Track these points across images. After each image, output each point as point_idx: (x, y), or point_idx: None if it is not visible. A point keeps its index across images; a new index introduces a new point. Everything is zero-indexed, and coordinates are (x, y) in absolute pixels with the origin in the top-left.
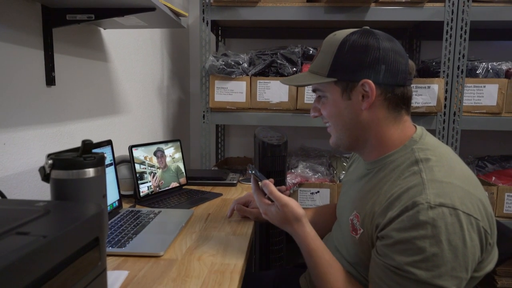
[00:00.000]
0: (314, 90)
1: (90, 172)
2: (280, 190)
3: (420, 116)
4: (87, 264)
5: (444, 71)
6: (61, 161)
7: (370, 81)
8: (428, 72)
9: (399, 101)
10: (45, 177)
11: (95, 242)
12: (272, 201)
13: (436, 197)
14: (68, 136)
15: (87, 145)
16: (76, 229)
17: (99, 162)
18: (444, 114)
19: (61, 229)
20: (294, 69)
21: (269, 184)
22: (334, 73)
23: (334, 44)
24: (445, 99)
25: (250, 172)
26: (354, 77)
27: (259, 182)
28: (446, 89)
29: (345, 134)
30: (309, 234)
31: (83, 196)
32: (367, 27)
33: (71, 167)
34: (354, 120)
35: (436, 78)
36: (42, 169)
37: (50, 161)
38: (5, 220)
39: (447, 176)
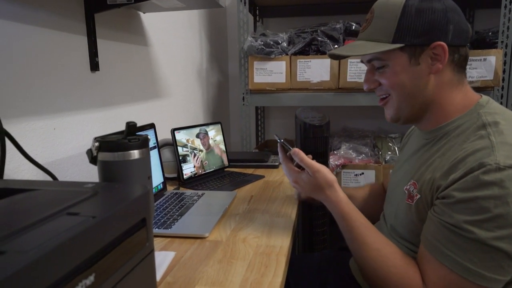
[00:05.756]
0: (369, 60)
1: (135, 153)
2: None
3: (475, 91)
4: (135, 244)
5: (502, 41)
6: (106, 143)
7: (443, 43)
8: (483, 43)
9: (463, 62)
10: (93, 159)
11: (142, 222)
12: (301, 169)
13: (507, 158)
14: (113, 120)
15: (131, 127)
16: (124, 209)
17: (143, 143)
18: (502, 88)
19: (109, 210)
20: (336, 46)
21: (299, 152)
22: (400, 38)
23: (394, 8)
24: (504, 72)
25: (278, 140)
26: (424, 40)
27: (288, 152)
28: (505, 61)
29: (409, 103)
30: (342, 198)
31: (129, 177)
32: None
33: (117, 149)
34: (421, 86)
35: (493, 49)
36: (89, 152)
37: (96, 144)
38: (57, 201)
39: None
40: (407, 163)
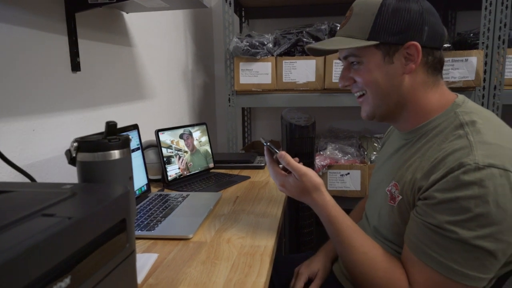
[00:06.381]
0: (345, 57)
1: (116, 154)
2: None
3: (457, 92)
4: (114, 246)
5: (483, 42)
6: (86, 143)
7: (416, 43)
8: (465, 44)
9: (437, 64)
10: (71, 160)
11: (122, 223)
12: (288, 172)
13: (485, 158)
14: (95, 122)
15: (111, 127)
16: (102, 210)
17: (124, 144)
18: (484, 88)
19: (86, 211)
20: None
21: (285, 155)
22: (376, 36)
23: (372, 5)
24: (485, 72)
25: (264, 144)
26: (398, 39)
27: (275, 155)
28: (486, 61)
29: (383, 101)
30: (328, 202)
31: (109, 178)
32: None
33: (96, 149)
34: (394, 85)
35: (475, 50)
36: (68, 152)
37: (75, 144)
38: (32, 202)
39: (495, 138)
40: (387, 163)
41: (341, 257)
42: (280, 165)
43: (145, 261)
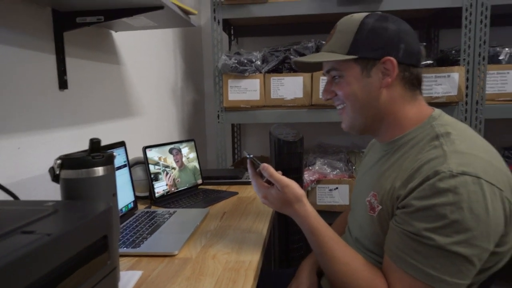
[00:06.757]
0: (328, 71)
1: (99, 170)
2: None
3: (440, 107)
4: (95, 263)
5: (464, 59)
6: (69, 160)
7: (392, 59)
8: (447, 61)
9: (414, 80)
10: (55, 177)
11: (104, 240)
12: (271, 184)
13: (459, 166)
14: (82, 139)
15: (95, 144)
16: (83, 227)
17: (108, 160)
18: (466, 103)
19: (66, 227)
20: None
21: (268, 167)
22: (354, 51)
23: (353, 24)
24: (467, 87)
25: (247, 156)
26: (376, 54)
27: (258, 168)
28: (467, 77)
29: (362, 114)
30: (310, 213)
31: (92, 195)
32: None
33: (80, 166)
34: (372, 98)
35: (456, 66)
36: (51, 170)
37: (59, 161)
38: (12, 220)
39: (469, 148)
40: (366, 174)
41: (323, 268)
42: (264, 178)
43: (128, 279)
